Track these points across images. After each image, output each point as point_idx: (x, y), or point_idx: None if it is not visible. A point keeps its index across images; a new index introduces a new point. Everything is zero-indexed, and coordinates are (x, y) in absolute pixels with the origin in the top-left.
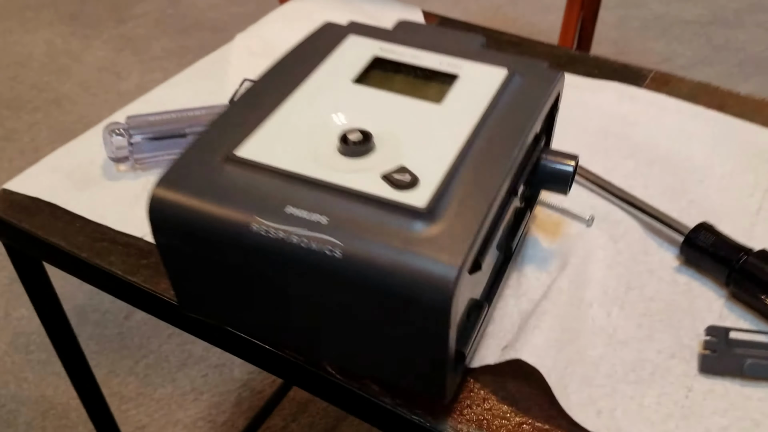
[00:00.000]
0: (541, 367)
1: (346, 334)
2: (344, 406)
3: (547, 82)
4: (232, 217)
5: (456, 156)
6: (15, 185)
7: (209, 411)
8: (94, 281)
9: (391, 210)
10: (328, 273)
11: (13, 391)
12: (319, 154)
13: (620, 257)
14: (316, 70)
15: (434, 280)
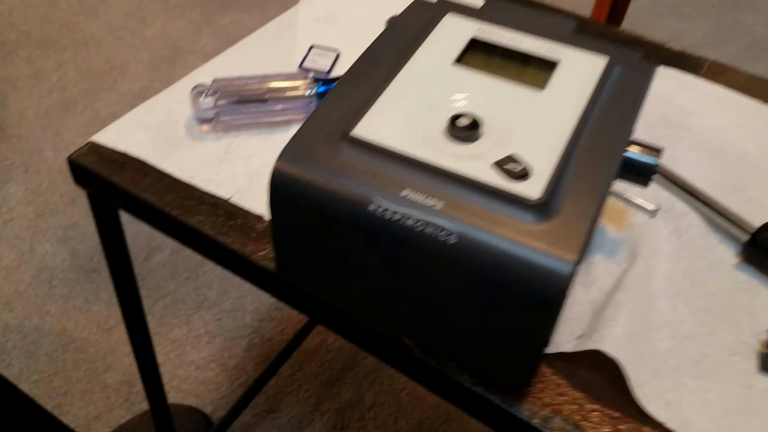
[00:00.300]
0: (620, 359)
1: (443, 316)
2: (421, 380)
3: (644, 74)
4: (351, 195)
5: (565, 147)
6: (103, 139)
7: (221, 354)
8: (181, 238)
9: (504, 200)
10: (440, 258)
11: (36, 323)
12: (429, 136)
13: (685, 251)
14: (417, 49)
15: (549, 275)
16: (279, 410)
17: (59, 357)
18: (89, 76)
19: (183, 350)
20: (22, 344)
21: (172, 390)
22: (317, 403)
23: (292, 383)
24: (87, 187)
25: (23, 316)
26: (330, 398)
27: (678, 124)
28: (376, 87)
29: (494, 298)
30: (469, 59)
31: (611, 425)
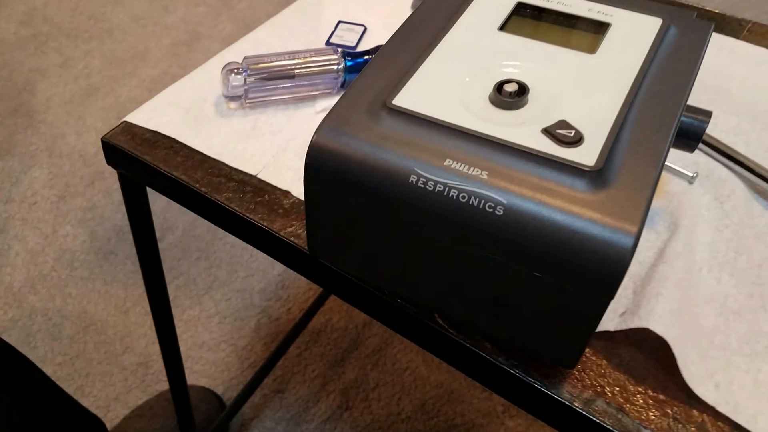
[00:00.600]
0: (669, 337)
1: (487, 293)
2: (455, 362)
3: (700, 34)
4: (391, 167)
5: (620, 111)
6: (136, 118)
7: (231, 335)
8: (210, 216)
9: (555, 167)
10: (487, 230)
11: (59, 305)
12: (473, 104)
13: (727, 220)
14: (459, 16)
15: (609, 249)
16: (286, 390)
17: (81, 339)
18: (112, 64)
19: (195, 331)
20: (46, 327)
21: (186, 371)
22: (323, 383)
23: (299, 363)
24: (120, 167)
25: (47, 298)
26: (335, 378)
27: (717, 88)
28: (416, 56)
29: (546, 274)
30: (514, 25)
31: (657, 408)
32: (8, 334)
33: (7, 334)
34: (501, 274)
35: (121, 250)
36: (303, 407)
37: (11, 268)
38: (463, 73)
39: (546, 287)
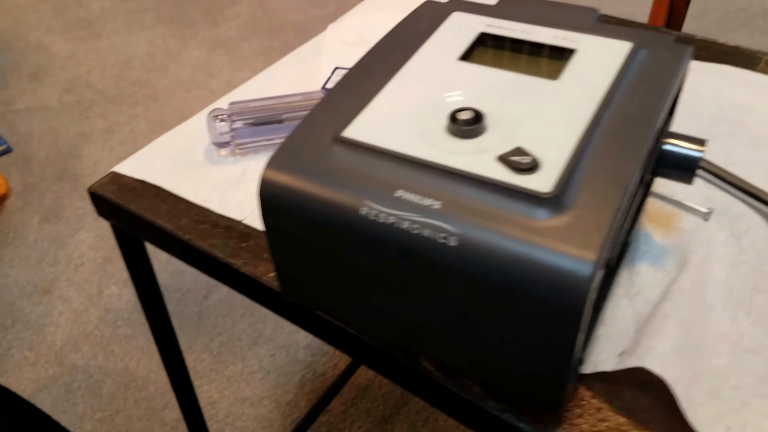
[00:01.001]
0: (668, 377)
1: (454, 330)
2: (443, 407)
3: (676, 56)
4: (341, 200)
5: (581, 136)
6: (124, 168)
7: (274, 390)
8: (195, 263)
9: (510, 195)
10: (441, 262)
11: (101, 362)
12: (428, 134)
13: (744, 256)
14: (420, 48)
15: (566, 278)
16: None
17: (121, 395)
18: (158, 127)
19: (238, 387)
20: (87, 384)
21: (227, 427)
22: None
23: (345, 420)
24: (109, 217)
25: (89, 356)
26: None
27: (734, 122)
28: (373, 87)
29: (504, 307)
30: (476, 55)
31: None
32: (48, 391)
33: (47, 391)
34: (463, 308)
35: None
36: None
37: (54, 327)
38: (420, 103)
39: (509, 322)
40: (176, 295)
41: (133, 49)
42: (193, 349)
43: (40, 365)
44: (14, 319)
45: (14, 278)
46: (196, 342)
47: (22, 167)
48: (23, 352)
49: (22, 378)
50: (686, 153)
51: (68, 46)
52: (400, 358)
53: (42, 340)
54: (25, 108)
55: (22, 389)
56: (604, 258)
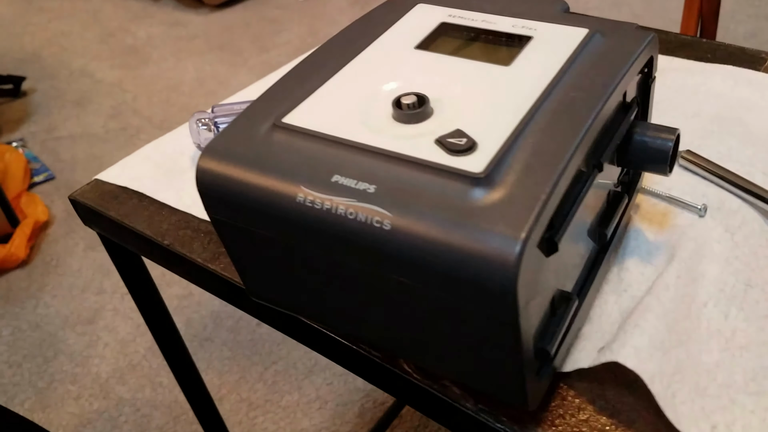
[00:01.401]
0: (643, 372)
1: (408, 322)
2: (424, 409)
3: (634, 42)
4: (277, 187)
5: (522, 119)
6: (106, 176)
7: (333, 420)
8: (176, 269)
9: (443, 176)
10: (377, 247)
11: (148, 395)
12: (373, 120)
13: (738, 251)
14: (379, 38)
15: (494, 256)
16: None
17: (170, 428)
18: None
19: (294, 417)
20: (134, 418)
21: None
22: None
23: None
24: (92, 225)
25: (136, 389)
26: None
27: (734, 120)
28: (324, 75)
29: (442, 292)
30: (434, 43)
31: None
32: (92, 426)
33: (91, 426)
34: (408, 295)
35: (218, 337)
36: None
37: (99, 359)
38: (368, 90)
39: (452, 308)
40: (228, 322)
41: (181, 75)
42: (247, 379)
43: (84, 399)
44: (56, 351)
45: (56, 308)
46: (249, 371)
47: (65, 194)
48: (66, 385)
49: (65, 413)
50: (657, 143)
51: (114, 73)
52: (378, 360)
53: (86, 373)
54: (68, 135)
55: (65, 425)
56: (545, 240)
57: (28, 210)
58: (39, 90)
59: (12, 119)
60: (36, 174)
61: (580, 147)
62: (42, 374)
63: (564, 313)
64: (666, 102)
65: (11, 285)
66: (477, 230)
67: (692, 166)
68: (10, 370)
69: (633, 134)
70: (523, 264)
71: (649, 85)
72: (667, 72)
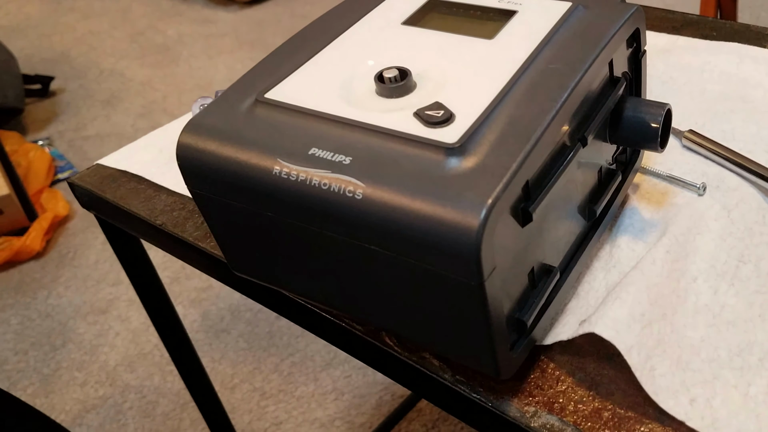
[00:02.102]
0: (620, 343)
1: (382, 291)
2: (404, 381)
3: (615, 14)
4: (254, 160)
5: (500, 91)
6: (107, 161)
7: (348, 411)
8: (169, 248)
9: (418, 147)
10: (350, 217)
11: (157, 383)
12: (356, 95)
13: (733, 228)
14: (367, 14)
15: (459, 220)
16: None
17: (177, 416)
18: None
19: (308, 407)
20: (139, 404)
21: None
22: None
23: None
24: (89, 208)
25: (144, 377)
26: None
27: (739, 97)
28: (310, 51)
29: (413, 259)
30: (421, 19)
31: (620, 426)
32: (96, 412)
33: (95, 411)
34: (382, 264)
35: (235, 329)
36: None
37: (108, 348)
38: (352, 65)
39: (423, 274)
40: (247, 315)
41: (211, 74)
42: (261, 370)
43: (90, 386)
44: (65, 340)
45: (69, 299)
46: (265, 362)
47: None
48: (72, 372)
49: (69, 398)
50: (647, 118)
51: (143, 71)
52: (360, 334)
53: (94, 361)
54: (96, 134)
55: (68, 410)
56: (517, 209)
57: (49, 205)
58: (68, 90)
59: (39, 119)
60: (60, 171)
61: (556, 118)
62: (48, 361)
63: (544, 285)
64: (671, 82)
65: (24, 276)
66: (446, 197)
67: (694, 145)
68: (15, 357)
69: (623, 110)
70: (487, 229)
71: (640, 59)
72: (672, 51)
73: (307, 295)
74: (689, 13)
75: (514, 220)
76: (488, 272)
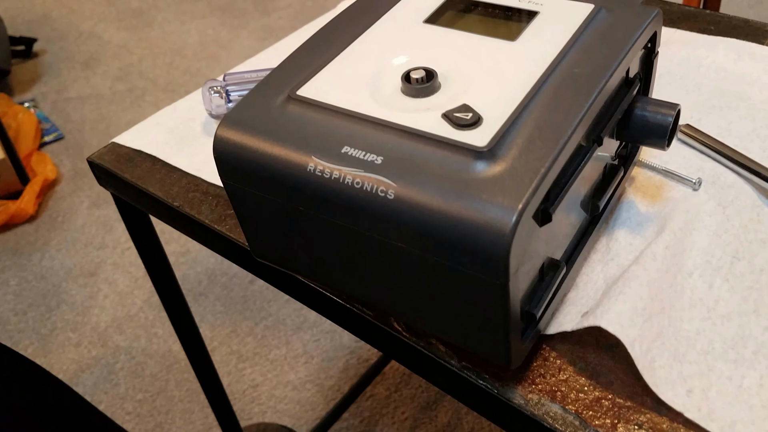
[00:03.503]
0: (624, 336)
1: (402, 283)
2: (410, 365)
3: (639, 18)
4: (290, 156)
5: (527, 94)
6: (122, 139)
7: (318, 374)
8: (184, 229)
9: (449, 150)
10: (381, 215)
11: (144, 345)
12: (382, 94)
13: (728, 224)
14: (388, 11)
15: (491, 225)
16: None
17: (163, 377)
18: None
19: (281, 370)
20: (129, 365)
21: (269, 410)
22: (413, 426)
23: (388, 405)
24: (107, 186)
25: (132, 338)
26: (426, 422)
27: (735, 95)
28: (335, 48)
29: (443, 257)
30: (441, 17)
31: (620, 415)
32: (90, 371)
33: (89, 371)
34: (407, 261)
35: (212, 292)
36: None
37: (99, 310)
38: (379, 64)
39: (448, 272)
40: (222, 279)
41: (184, 39)
42: (238, 333)
43: (84, 346)
44: (59, 301)
45: (61, 261)
46: (241, 326)
47: (74, 154)
48: (67, 333)
49: (65, 358)
50: (657, 117)
51: (120, 35)
52: (370, 318)
53: (86, 322)
54: (77, 96)
55: (65, 369)
56: (540, 211)
57: (38, 168)
58: (49, 51)
59: (24, 79)
60: (46, 134)
61: (582, 122)
62: (45, 322)
63: (552, 279)
64: (668, 75)
65: (19, 239)
66: (477, 200)
67: (690, 140)
68: (16, 318)
69: (634, 109)
70: (517, 234)
71: (652, 60)
72: (669, 44)
73: (326, 282)
74: (687, 6)
75: (533, 221)
76: (513, 272)
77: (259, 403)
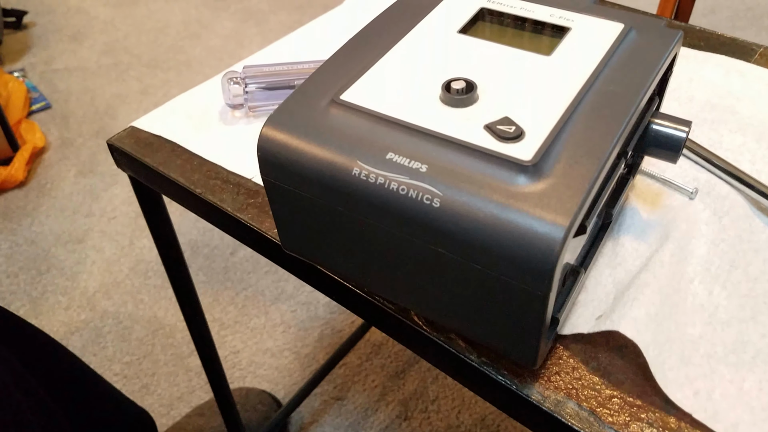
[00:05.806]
0: (640, 341)
1: (438, 287)
2: (430, 358)
3: (665, 40)
4: (335, 159)
5: (566, 110)
6: (142, 123)
7: (295, 343)
8: (206, 216)
9: (493, 162)
10: (425, 222)
11: (130, 310)
12: (422, 102)
13: (725, 234)
14: (422, 20)
15: (539, 240)
16: (346, 398)
17: (149, 341)
18: None
19: (261, 338)
20: (116, 329)
21: (249, 375)
22: (383, 393)
23: (360, 373)
24: (125, 169)
25: (120, 303)
26: (395, 389)
27: (725, 109)
28: (374, 54)
29: (484, 266)
30: (475, 29)
31: (631, 413)
32: (80, 334)
33: (78, 334)
34: (447, 266)
35: (194, 263)
36: (362, 415)
37: (87, 275)
38: (417, 72)
39: (488, 280)
40: (205, 250)
41: (168, 17)
42: (219, 302)
43: (73, 309)
44: (49, 266)
45: (50, 227)
46: (222, 295)
47: (61, 123)
48: (57, 296)
49: (55, 321)
50: (671, 133)
51: (107, 11)
52: (391, 311)
53: (75, 287)
54: (64, 68)
55: (55, 331)
56: (579, 225)
57: (27, 136)
58: (39, 24)
59: (14, 50)
60: (34, 103)
61: (619, 140)
62: (36, 285)
63: (573, 284)
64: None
65: (9, 204)
66: (525, 215)
67: (686, 150)
68: (8, 280)
69: (650, 123)
70: (564, 249)
71: (668, 78)
72: None
73: (356, 279)
74: (679, 22)
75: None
76: (556, 284)
77: (239, 368)
